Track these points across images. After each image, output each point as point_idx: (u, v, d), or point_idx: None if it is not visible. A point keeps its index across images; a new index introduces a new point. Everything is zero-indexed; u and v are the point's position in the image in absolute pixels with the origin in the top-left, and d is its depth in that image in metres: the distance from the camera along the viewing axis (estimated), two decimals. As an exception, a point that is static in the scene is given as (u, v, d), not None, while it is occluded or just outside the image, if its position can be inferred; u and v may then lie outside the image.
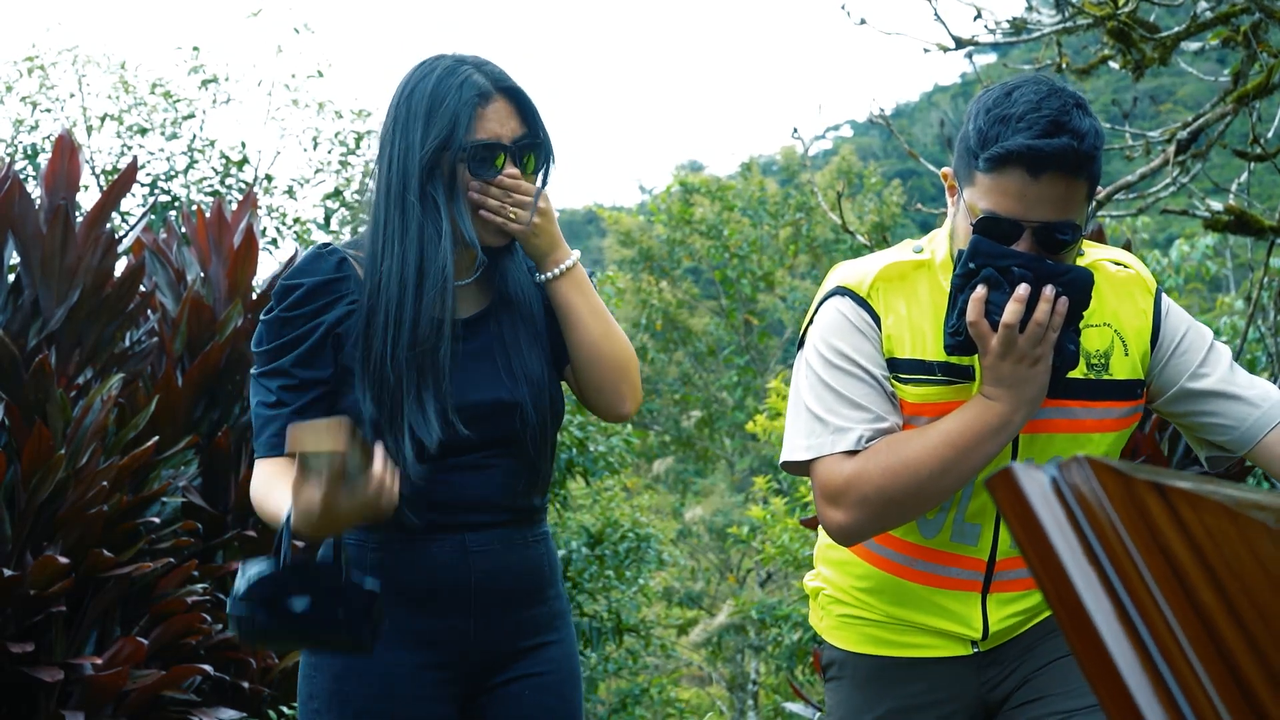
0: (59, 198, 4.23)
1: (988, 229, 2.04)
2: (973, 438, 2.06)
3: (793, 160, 23.18)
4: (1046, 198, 2.00)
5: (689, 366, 21.14)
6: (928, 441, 2.08)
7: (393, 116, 2.28)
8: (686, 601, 16.35)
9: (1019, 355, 2.02)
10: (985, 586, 2.24)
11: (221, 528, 4.43)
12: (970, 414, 2.07)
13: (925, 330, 2.14)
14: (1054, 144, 1.97)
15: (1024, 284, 2.01)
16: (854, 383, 2.14)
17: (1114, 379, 2.17)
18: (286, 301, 2.24)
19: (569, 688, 2.37)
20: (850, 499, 2.11)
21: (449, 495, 2.25)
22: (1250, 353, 7.76)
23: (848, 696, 2.36)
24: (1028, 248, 2.03)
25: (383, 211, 2.25)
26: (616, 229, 21.51)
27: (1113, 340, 2.17)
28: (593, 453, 9.30)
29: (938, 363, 2.13)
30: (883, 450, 2.10)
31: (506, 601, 2.31)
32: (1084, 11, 3.90)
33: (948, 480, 2.08)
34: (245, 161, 13.09)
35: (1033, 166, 1.98)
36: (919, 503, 2.11)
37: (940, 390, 2.13)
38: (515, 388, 2.28)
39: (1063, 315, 2.02)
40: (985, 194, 2.04)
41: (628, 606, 10.51)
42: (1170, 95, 18.84)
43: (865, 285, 2.17)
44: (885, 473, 2.08)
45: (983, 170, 2.03)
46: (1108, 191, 4.11)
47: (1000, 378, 2.04)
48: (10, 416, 3.80)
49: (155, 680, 3.71)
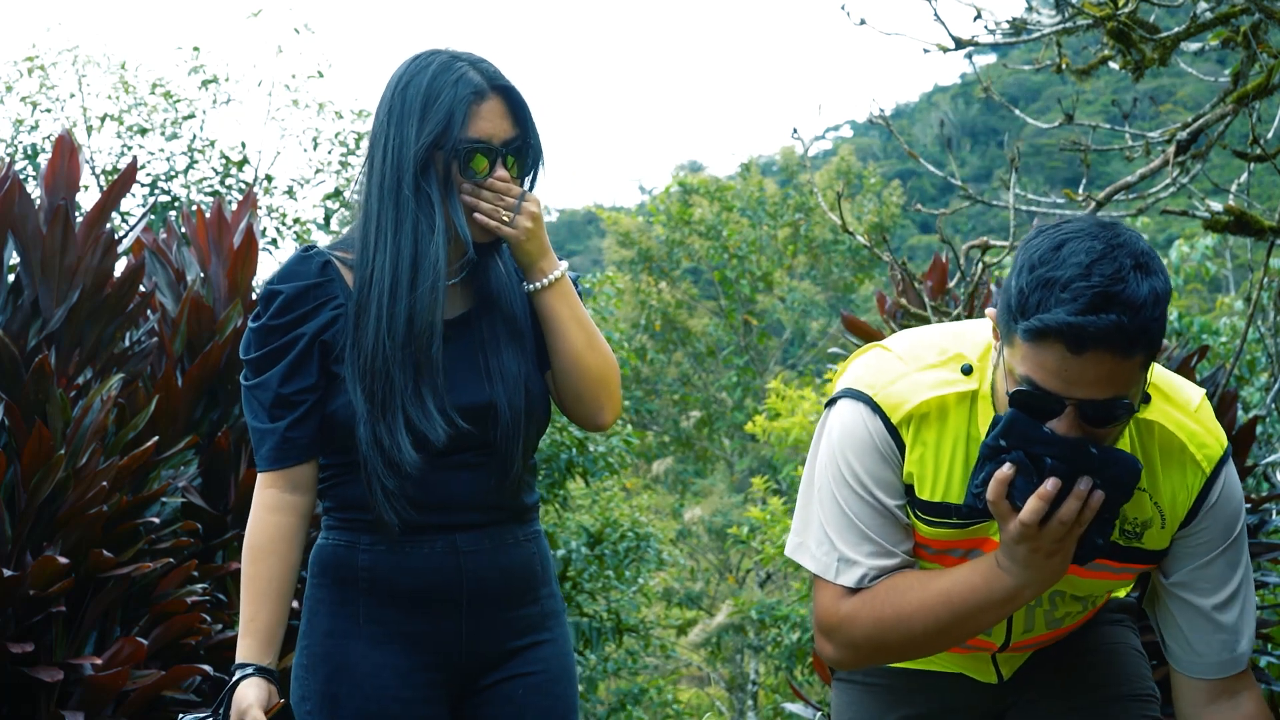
0: (59, 198, 4.23)
1: (1026, 402, 1.82)
2: (974, 605, 1.93)
3: (792, 161, 23.19)
4: (1091, 377, 1.78)
5: (688, 367, 21.14)
6: (926, 597, 1.96)
7: (386, 109, 2.27)
8: (686, 602, 16.36)
9: (1035, 546, 1.85)
10: (996, 653, 2.23)
11: (221, 528, 4.43)
12: (977, 578, 1.93)
13: (952, 472, 1.99)
14: (1100, 322, 1.74)
15: (1053, 479, 1.80)
16: (865, 511, 2.01)
17: (1144, 549, 2.04)
18: (270, 310, 2.25)
19: (562, 687, 2.37)
20: (840, 638, 2.03)
21: (438, 496, 2.25)
22: (1250, 353, 7.76)
23: (858, 700, 2.33)
24: (1070, 426, 1.82)
25: (375, 205, 2.24)
26: (616, 229, 21.51)
27: (1153, 513, 2.01)
28: (592, 453, 9.31)
29: (955, 506, 2.00)
30: (880, 595, 1.99)
31: (498, 601, 2.30)
32: (1084, 12, 3.90)
33: (942, 640, 1.99)
34: (245, 162, 13.09)
35: (1075, 344, 1.76)
36: (909, 654, 2.06)
37: (956, 531, 2.03)
38: (493, 388, 2.28)
39: (1094, 510, 1.82)
40: (1024, 361, 1.81)
41: (627, 607, 10.51)
42: (1170, 96, 18.84)
43: (900, 413, 1.99)
44: (878, 623, 1.98)
45: (1022, 338, 1.81)
46: (1108, 192, 4.11)
47: (1015, 558, 1.88)
48: (10, 416, 3.80)
49: (155, 680, 3.71)
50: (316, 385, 2.24)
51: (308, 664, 2.27)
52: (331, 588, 2.28)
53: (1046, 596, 2.10)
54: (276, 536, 2.23)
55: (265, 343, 2.25)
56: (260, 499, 2.26)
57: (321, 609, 2.26)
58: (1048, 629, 2.18)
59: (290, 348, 2.23)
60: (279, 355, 2.24)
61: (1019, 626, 2.15)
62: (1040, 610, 2.15)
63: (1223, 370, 4.52)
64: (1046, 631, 2.18)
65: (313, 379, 2.24)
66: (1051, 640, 2.23)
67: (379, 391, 2.20)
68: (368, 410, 2.20)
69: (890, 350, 2.07)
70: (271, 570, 2.22)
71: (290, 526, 2.24)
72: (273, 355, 2.24)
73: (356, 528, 2.27)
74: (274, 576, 2.22)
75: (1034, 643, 2.22)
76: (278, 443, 2.24)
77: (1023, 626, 2.16)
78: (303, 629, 2.30)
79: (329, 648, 2.24)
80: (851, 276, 21.02)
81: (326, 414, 2.25)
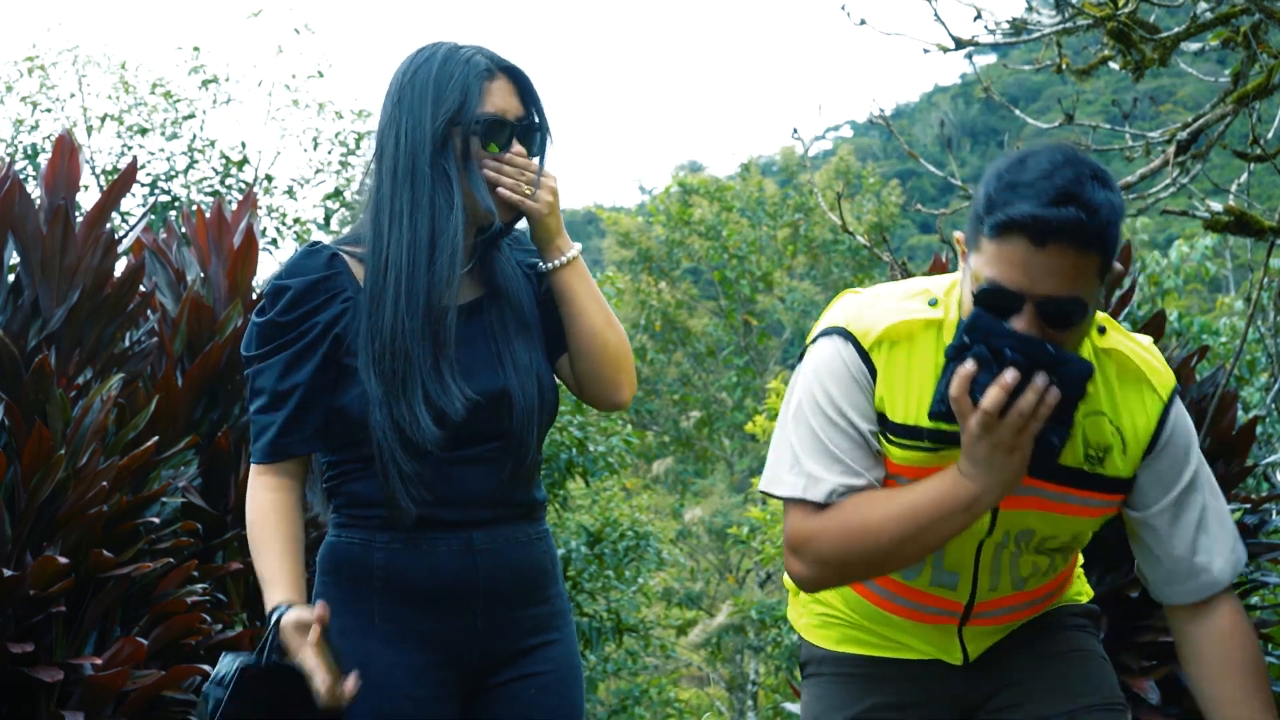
0: (59, 198, 4.23)
1: (988, 300, 1.96)
2: (937, 512, 2.01)
3: (792, 161, 23.20)
4: (1051, 270, 1.91)
5: (688, 367, 21.15)
6: (891, 509, 2.04)
7: (395, 98, 2.28)
8: (686, 602, 16.36)
9: (996, 441, 1.94)
10: (962, 622, 2.24)
11: (222, 528, 4.43)
12: (940, 487, 2.02)
13: (920, 395, 2.08)
14: (1061, 214, 1.89)
15: (1012, 370, 1.92)
16: (837, 434, 2.09)
17: (1106, 475, 2.11)
18: (278, 305, 2.24)
19: (570, 687, 2.37)
20: (809, 554, 2.09)
21: (454, 490, 2.24)
22: (1250, 353, 7.76)
23: (826, 693, 2.34)
24: (1029, 323, 1.94)
25: (390, 190, 2.25)
26: (616, 230, 21.51)
27: (1114, 438, 2.11)
28: (592, 453, 9.31)
29: (927, 429, 2.07)
30: (848, 509, 2.06)
31: (511, 600, 2.30)
32: (1084, 12, 3.90)
33: (908, 550, 2.04)
34: (245, 162, 13.09)
35: (1037, 236, 1.90)
36: (877, 567, 2.10)
37: (926, 456, 2.09)
38: (506, 375, 2.29)
39: (1050, 408, 1.93)
40: (989, 262, 1.96)
41: (627, 606, 10.51)
42: (1170, 96, 18.84)
43: (870, 338, 2.11)
44: (844, 535, 2.05)
45: (988, 236, 1.96)
46: (1108, 192, 4.10)
47: (976, 458, 1.97)
48: (10, 416, 3.80)
49: (155, 680, 3.71)
50: (321, 380, 2.23)
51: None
52: (344, 586, 2.26)
53: (1013, 539, 2.13)
54: (281, 507, 2.24)
55: (272, 337, 2.24)
56: (258, 484, 2.26)
57: (334, 607, 2.23)
58: (1013, 589, 2.20)
59: (297, 342, 2.23)
60: (285, 349, 2.23)
61: (985, 583, 2.18)
62: (1006, 558, 2.17)
63: (1223, 370, 4.52)
64: (1012, 593, 2.21)
65: (317, 374, 2.23)
66: (1017, 606, 2.24)
67: (398, 369, 2.19)
68: (384, 392, 2.19)
69: (860, 293, 2.21)
70: (282, 532, 2.23)
71: (292, 502, 2.25)
72: (279, 349, 2.23)
73: (370, 525, 2.25)
74: (287, 537, 2.22)
75: (1000, 605, 2.23)
76: (278, 436, 2.23)
77: (989, 583, 2.18)
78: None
79: (344, 646, 2.22)
80: (851, 276, 21.02)
81: (336, 408, 2.24)
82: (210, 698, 2.10)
